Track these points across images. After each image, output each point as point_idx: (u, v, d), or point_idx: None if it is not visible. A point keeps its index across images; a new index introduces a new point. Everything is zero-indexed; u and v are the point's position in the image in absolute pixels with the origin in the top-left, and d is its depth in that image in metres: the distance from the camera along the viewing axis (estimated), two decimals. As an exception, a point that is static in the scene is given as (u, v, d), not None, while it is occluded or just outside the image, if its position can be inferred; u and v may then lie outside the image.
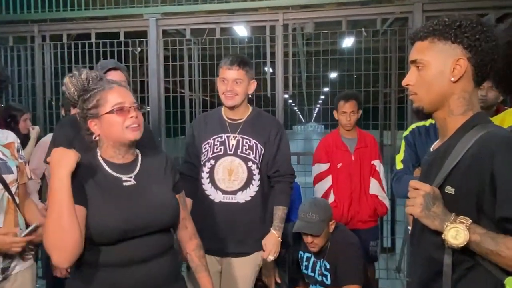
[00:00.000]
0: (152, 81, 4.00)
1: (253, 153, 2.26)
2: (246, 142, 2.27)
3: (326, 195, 3.18)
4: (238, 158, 2.25)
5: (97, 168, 1.53)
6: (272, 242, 2.23)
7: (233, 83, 2.22)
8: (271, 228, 2.25)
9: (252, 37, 4.08)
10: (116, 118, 1.48)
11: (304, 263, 2.65)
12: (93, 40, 4.06)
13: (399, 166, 2.41)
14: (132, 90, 4.16)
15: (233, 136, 2.28)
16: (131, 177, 1.55)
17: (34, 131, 3.41)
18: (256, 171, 2.26)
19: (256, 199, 2.27)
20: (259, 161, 2.27)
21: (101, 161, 1.55)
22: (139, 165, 1.60)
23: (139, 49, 4.09)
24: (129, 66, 4.08)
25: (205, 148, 2.30)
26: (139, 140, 1.55)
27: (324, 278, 2.52)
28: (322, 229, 2.45)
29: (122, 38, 4.02)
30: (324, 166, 3.23)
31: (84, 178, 1.48)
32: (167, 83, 4.23)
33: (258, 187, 2.28)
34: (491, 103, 2.19)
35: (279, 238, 2.26)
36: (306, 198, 2.90)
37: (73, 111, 2.67)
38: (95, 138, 1.55)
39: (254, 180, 2.26)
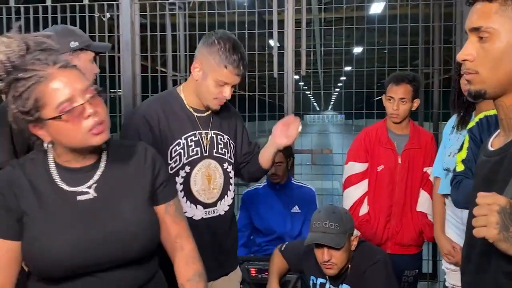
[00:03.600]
0: (125, 56, 3.99)
1: (228, 152, 2.33)
2: (221, 140, 2.31)
3: (358, 204, 3.14)
4: (214, 160, 2.29)
5: (45, 177, 1.44)
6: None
7: (232, 87, 2.23)
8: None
9: (254, 0, 4.04)
10: (67, 126, 1.35)
11: (318, 292, 2.63)
12: (48, 3, 4.07)
13: (459, 167, 2.37)
14: (99, 68, 4.16)
15: (205, 133, 2.28)
16: (90, 187, 1.46)
17: None
18: (232, 173, 2.35)
19: (232, 206, 2.36)
20: (233, 160, 2.37)
21: (52, 167, 1.46)
22: (102, 169, 1.49)
23: (108, 15, 4.08)
24: (94, 38, 4.05)
25: (175, 151, 2.25)
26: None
27: (345, 306, 2.51)
28: (343, 242, 2.42)
29: (86, 2, 4.03)
30: (360, 167, 3.17)
31: (21, 191, 1.40)
32: (144, 60, 4.20)
33: (234, 192, 2.37)
34: None
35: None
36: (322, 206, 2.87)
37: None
38: (46, 146, 1.44)
39: (231, 184, 2.35)
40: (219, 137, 2.31)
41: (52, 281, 1.39)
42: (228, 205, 2.33)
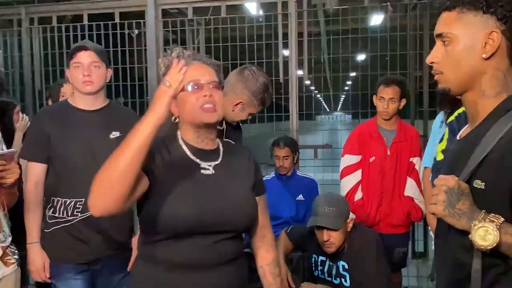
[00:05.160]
0: (151, 67, 4.02)
1: None
2: None
3: (353, 191, 3.16)
4: None
5: (176, 149, 1.53)
6: None
7: None
8: None
9: (263, 16, 4.07)
10: (189, 97, 1.47)
11: (319, 268, 2.65)
12: (85, 22, 4.12)
13: (439, 156, 2.36)
14: (130, 77, 4.21)
15: None
16: (210, 166, 1.54)
17: (23, 121, 3.46)
18: None
19: None
20: None
21: (181, 142, 1.55)
22: (221, 156, 1.58)
23: (136, 31, 4.13)
24: (125, 51, 4.13)
25: None
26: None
27: (342, 280, 2.52)
28: (341, 224, 2.45)
29: (117, 20, 4.07)
30: (354, 158, 3.19)
31: (159, 157, 1.48)
32: (168, 69, 4.24)
33: None
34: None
35: None
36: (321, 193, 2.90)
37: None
38: (174, 119, 1.54)
39: None
40: None
41: (172, 238, 1.44)
42: None
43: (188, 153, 1.53)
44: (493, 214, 1.09)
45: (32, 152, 2.22)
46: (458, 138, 1.34)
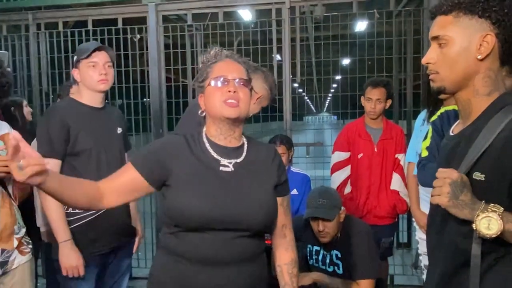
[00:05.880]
0: (153, 70, 4.04)
1: None
2: None
3: (343, 185, 3.21)
4: None
5: (199, 144, 1.50)
6: None
7: None
8: None
9: (257, 22, 4.09)
10: (214, 90, 1.44)
11: (314, 257, 2.67)
12: (90, 27, 4.12)
13: (424, 153, 2.41)
14: (132, 79, 4.21)
15: None
16: (230, 163, 1.49)
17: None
18: None
19: None
20: None
21: (204, 138, 1.52)
22: (244, 154, 1.53)
23: (138, 36, 4.12)
24: (128, 55, 4.14)
25: None
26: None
27: (336, 268, 2.54)
28: (334, 215, 2.46)
29: (120, 25, 4.07)
30: (344, 155, 3.24)
31: (178, 154, 1.47)
32: (168, 72, 4.26)
33: None
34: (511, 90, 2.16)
35: None
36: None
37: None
38: (201, 113, 1.53)
39: None
40: None
41: (186, 231, 1.43)
42: None
43: (209, 149, 1.49)
44: (493, 204, 1.11)
45: (50, 149, 2.13)
46: (451, 133, 1.35)
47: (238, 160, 1.51)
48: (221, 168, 1.47)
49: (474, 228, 1.11)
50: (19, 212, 2.08)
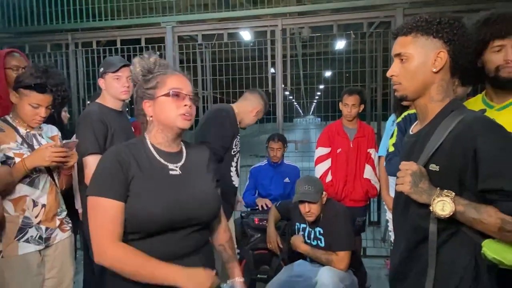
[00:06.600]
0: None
1: None
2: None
3: (324, 175, 3.20)
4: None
5: (145, 153, 1.32)
6: None
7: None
8: None
9: (255, 41, 4.09)
10: (170, 102, 1.28)
11: (300, 233, 2.68)
12: (118, 46, 4.11)
13: (391, 149, 2.42)
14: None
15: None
16: (177, 167, 1.35)
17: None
18: None
19: None
20: None
21: (150, 146, 1.34)
22: (184, 156, 1.40)
23: (157, 53, 4.08)
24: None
25: (235, 143, 2.48)
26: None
27: (319, 242, 2.55)
28: (318, 198, 2.47)
29: (143, 44, 4.07)
30: (325, 150, 3.23)
31: (129, 162, 1.27)
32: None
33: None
34: (461, 97, 2.18)
35: None
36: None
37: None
38: (147, 119, 1.34)
39: None
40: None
41: (146, 237, 1.26)
42: None
43: (156, 156, 1.33)
44: (447, 190, 1.12)
45: (95, 146, 2.05)
46: (411, 133, 1.35)
47: (182, 163, 1.37)
48: (170, 172, 1.33)
49: (431, 210, 1.12)
50: (61, 197, 2.10)
